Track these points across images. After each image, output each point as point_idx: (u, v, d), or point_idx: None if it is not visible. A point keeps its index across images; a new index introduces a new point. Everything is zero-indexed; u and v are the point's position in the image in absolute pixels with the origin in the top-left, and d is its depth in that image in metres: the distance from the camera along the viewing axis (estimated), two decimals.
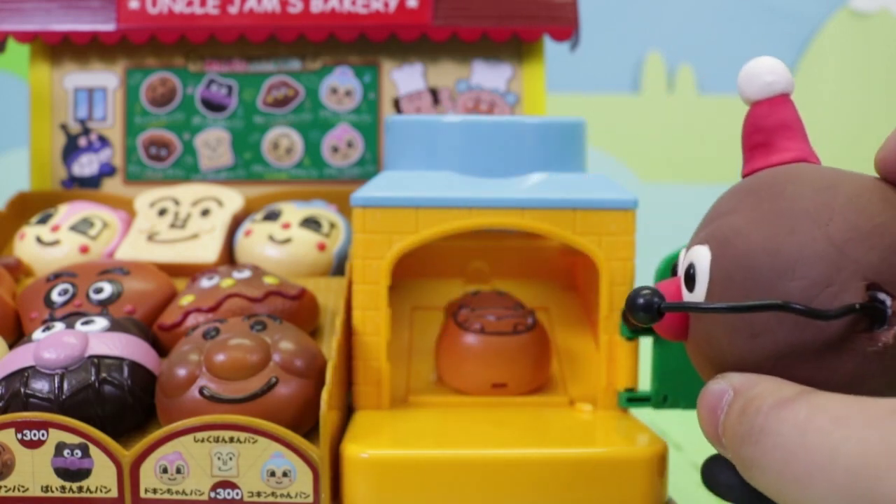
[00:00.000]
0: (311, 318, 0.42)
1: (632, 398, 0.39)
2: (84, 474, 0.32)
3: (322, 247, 0.48)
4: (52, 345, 0.35)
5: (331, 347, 0.37)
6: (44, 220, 0.50)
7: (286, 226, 0.49)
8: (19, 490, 0.33)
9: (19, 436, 0.32)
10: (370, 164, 0.57)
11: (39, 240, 0.49)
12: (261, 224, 0.50)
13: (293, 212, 0.50)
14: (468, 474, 0.33)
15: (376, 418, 0.38)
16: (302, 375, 0.35)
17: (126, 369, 0.35)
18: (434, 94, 0.57)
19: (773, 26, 1.19)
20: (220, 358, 0.34)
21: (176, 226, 0.50)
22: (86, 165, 0.57)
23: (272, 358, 0.35)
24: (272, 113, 0.57)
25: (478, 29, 0.55)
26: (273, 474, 0.32)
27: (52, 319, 0.39)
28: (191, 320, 0.40)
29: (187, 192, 0.53)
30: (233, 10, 0.54)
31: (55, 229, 0.49)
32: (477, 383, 0.41)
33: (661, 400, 0.39)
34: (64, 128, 0.57)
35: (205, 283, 0.42)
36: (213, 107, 0.57)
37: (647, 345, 0.39)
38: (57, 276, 0.43)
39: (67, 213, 0.50)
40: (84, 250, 0.48)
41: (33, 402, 0.33)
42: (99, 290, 0.42)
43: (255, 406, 0.34)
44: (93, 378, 0.34)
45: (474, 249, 0.48)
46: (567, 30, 0.55)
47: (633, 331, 0.38)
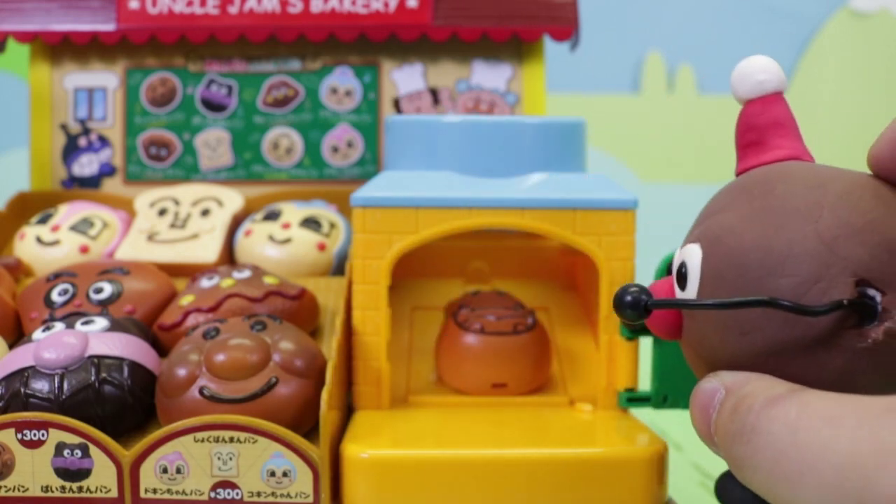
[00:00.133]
0: (311, 318, 0.42)
1: (632, 398, 0.39)
2: (84, 474, 0.33)
3: (322, 247, 0.48)
4: (52, 345, 0.35)
5: (331, 347, 0.37)
6: (44, 220, 0.50)
7: (286, 226, 0.49)
8: (19, 490, 0.33)
9: (19, 436, 0.32)
10: (370, 164, 0.57)
11: (39, 240, 0.49)
12: (261, 224, 0.50)
13: (293, 212, 0.50)
14: (468, 474, 0.33)
15: (376, 418, 0.38)
16: (302, 375, 0.35)
17: (126, 369, 0.35)
18: (434, 94, 0.57)
19: (773, 26, 1.19)
20: (220, 358, 0.34)
21: (176, 226, 0.50)
22: (86, 165, 0.57)
23: (272, 358, 0.35)
24: (272, 113, 0.57)
25: (478, 29, 0.55)
26: (273, 474, 0.32)
27: (52, 319, 0.39)
28: (191, 320, 0.40)
29: (187, 192, 0.53)
30: (233, 10, 0.54)
31: (55, 229, 0.49)
32: (477, 383, 0.41)
33: (661, 400, 0.39)
34: (64, 128, 0.57)
35: (205, 283, 0.42)
36: (213, 107, 0.57)
37: (647, 345, 0.39)
38: (57, 276, 0.43)
39: (67, 213, 0.50)
40: (84, 250, 0.48)
41: (33, 402, 0.33)
42: (99, 290, 0.42)
43: (255, 406, 0.34)
44: (93, 378, 0.34)
45: (474, 249, 0.49)
46: (567, 30, 0.55)
47: (633, 330, 0.38)
